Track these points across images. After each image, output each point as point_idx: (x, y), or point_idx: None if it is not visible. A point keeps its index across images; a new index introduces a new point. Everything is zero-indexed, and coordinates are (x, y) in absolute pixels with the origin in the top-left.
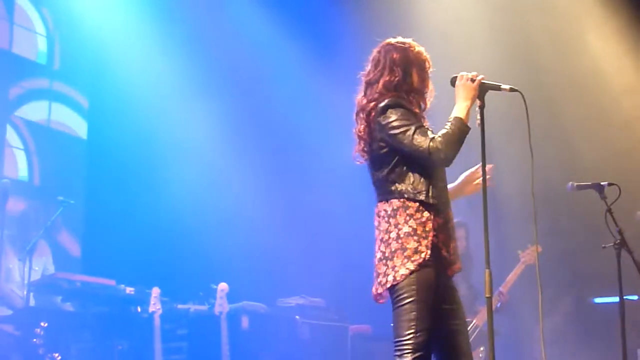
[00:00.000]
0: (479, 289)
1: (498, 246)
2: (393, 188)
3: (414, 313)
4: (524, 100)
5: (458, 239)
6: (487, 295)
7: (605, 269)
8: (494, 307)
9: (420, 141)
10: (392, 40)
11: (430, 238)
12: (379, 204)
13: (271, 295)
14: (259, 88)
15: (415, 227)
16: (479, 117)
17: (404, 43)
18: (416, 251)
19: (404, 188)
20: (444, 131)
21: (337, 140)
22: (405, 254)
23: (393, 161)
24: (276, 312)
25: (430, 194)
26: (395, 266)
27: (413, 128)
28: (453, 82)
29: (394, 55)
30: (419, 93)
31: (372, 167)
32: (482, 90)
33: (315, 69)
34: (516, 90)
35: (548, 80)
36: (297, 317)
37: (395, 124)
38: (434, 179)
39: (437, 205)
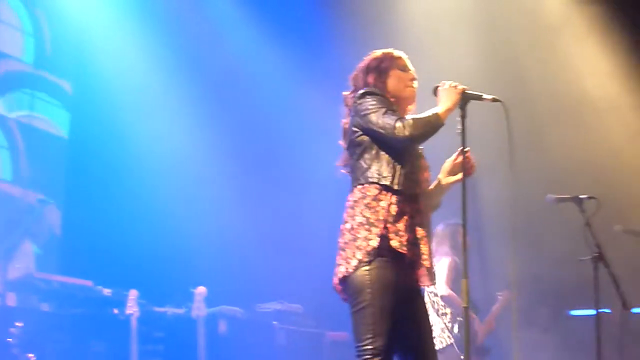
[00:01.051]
0: (475, 302)
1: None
2: (360, 174)
3: (371, 317)
4: (506, 111)
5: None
6: (464, 305)
7: (582, 281)
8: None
9: (388, 119)
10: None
11: (381, 227)
12: (348, 196)
13: (249, 300)
14: (242, 91)
15: (368, 216)
16: (459, 126)
17: (368, 55)
18: (365, 239)
19: (369, 173)
20: (416, 115)
21: (318, 145)
22: (356, 243)
23: (365, 145)
24: (254, 317)
25: (395, 180)
26: (347, 257)
27: (384, 109)
28: (435, 91)
29: (360, 67)
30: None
31: (347, 156)
32: (463, 100)
33: (300, 73)
34: (498, 101)
35: (529, 91)
36: (274, 322)
37: (368, 106)
38: (405, 168)
39: (402, 194)
